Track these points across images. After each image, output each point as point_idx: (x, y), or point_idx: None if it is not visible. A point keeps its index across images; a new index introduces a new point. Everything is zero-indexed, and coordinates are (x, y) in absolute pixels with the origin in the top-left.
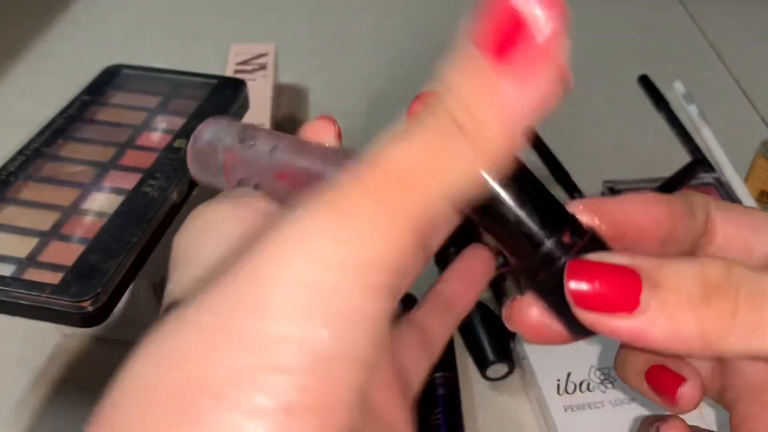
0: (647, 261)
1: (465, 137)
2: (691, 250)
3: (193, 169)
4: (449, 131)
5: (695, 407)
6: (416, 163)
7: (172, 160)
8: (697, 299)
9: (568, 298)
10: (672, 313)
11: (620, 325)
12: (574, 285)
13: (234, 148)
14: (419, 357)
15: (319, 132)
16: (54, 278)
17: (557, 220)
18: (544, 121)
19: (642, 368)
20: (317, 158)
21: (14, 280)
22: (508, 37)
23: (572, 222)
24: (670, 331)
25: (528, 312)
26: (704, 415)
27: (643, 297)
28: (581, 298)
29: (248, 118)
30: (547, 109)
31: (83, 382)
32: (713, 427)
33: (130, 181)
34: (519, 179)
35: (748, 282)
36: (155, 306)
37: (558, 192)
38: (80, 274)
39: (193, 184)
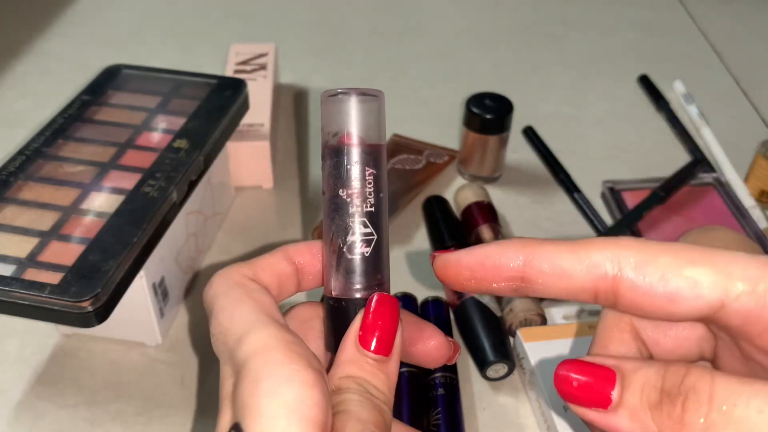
0: (627, 363)
1: None
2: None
3: None
4: None
5: None
6: None
7: (172, 160)
8: (653, 403)
9: (558, 391)
10: (634, 412)
11: (597, 417)
12: (560, 380)
13: None
14: None
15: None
16: (54, 278)
17: None
18: (544, 121)
19: None
20: None
21: (14, 280)
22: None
23: None
24: (634, 428)
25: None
26: None
27: (613, 395)
28: (566, 391)
29: (248, 118)
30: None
31: (83, 382)
32: None
33: (130, 181)
34: None
35: (696, 390)
36: (155, 306)
37: (558, 192)
38: (80, 274)
39: (192, 184)
